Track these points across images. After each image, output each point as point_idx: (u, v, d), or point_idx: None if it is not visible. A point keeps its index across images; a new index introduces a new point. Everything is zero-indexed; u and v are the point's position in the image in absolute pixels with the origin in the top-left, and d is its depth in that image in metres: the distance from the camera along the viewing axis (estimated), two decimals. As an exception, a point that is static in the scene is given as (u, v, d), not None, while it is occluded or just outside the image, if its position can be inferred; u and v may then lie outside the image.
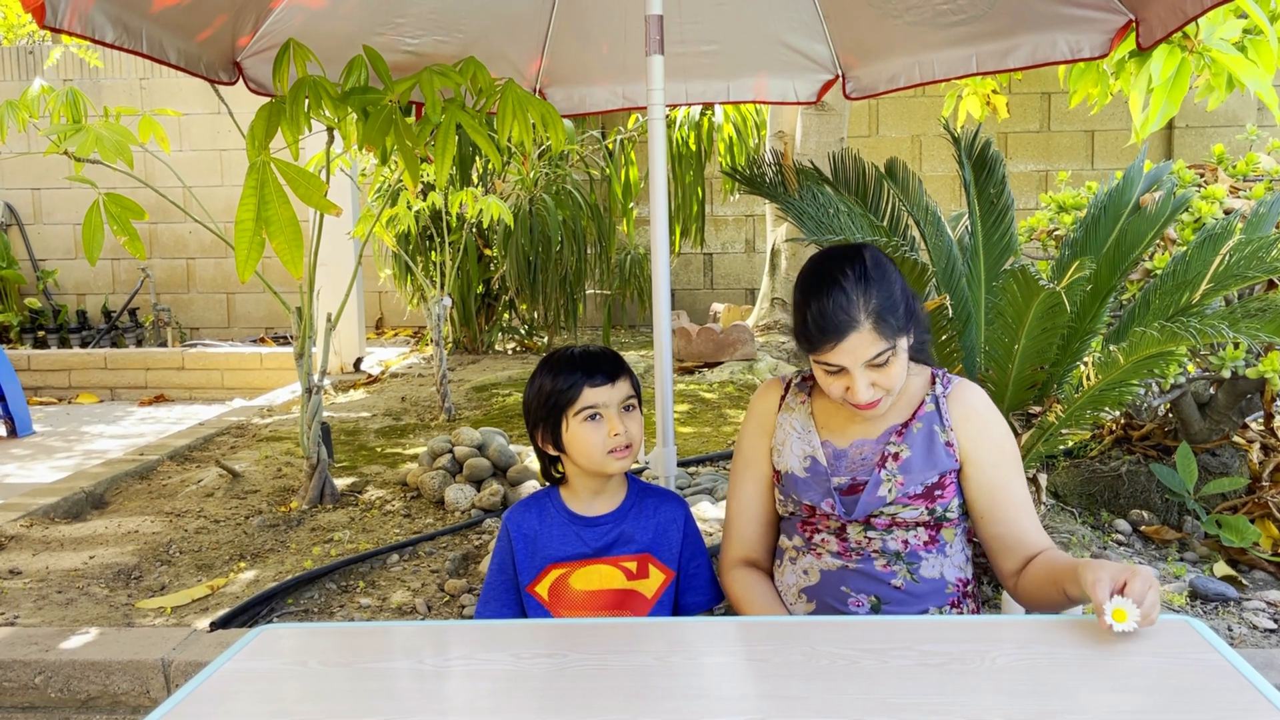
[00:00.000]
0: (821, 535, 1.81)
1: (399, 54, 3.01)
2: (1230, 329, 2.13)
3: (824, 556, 1.81)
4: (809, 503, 1.80)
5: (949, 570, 1.77)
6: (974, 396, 1.82)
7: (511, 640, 1.48)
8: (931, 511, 1.75)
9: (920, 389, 1.82)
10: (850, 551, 1.78)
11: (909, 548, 1.76)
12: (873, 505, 1.74)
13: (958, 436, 1.77)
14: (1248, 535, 3.11)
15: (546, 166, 6.85)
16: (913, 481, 1.74)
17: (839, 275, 1.67)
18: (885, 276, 1.69)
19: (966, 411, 1.79)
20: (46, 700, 2.62)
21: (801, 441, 1.83)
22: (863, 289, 1.65)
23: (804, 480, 1.80)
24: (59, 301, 8.80)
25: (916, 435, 1.77)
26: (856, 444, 1.80)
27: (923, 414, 1.79)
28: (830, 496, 1.78)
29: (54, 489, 4.12)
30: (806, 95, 3.39)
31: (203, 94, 8.29)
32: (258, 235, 2.44)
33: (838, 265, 1.70)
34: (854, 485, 1.78)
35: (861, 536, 1.77)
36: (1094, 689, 1.27)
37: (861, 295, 1.65)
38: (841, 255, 1.72)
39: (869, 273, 1.67)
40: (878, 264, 1.70)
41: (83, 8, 2.09)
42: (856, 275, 1.66)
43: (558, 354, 1.86)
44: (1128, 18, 2.58)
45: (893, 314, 1.67)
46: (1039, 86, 8.22)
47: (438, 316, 5.26)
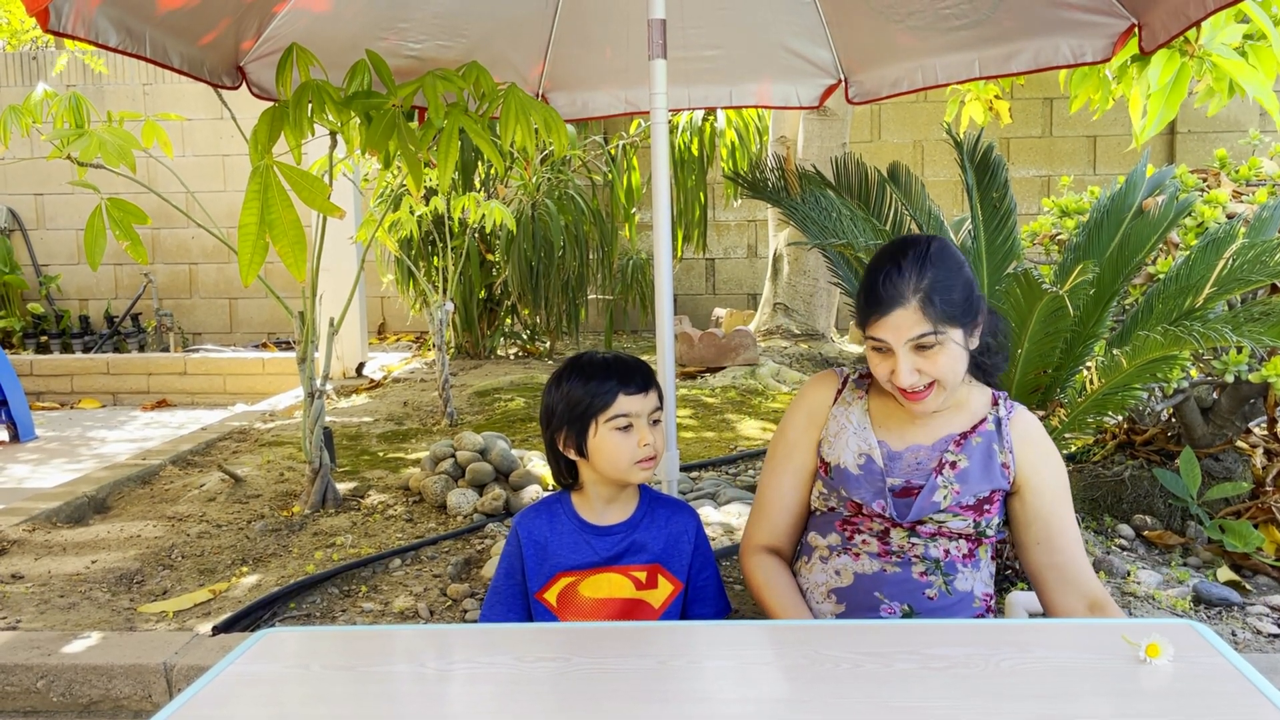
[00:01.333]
0: (863, 536, 1.79)
1: (402, 58, 3.01)
2: (1233, 333, 2.13)
3: (862, 558, 1.79)
4: (858, 500, 1.78)
5: (979, 585, 1.78)
6: (1035, 426, 1.83)
7: (514, 644, 1.47)
8: (976, 525, 1.75)
9: (983, 406, 1.82)
10: (890, 554, 1.77)
11: (949, 557, 1.76)
12: (926, 510, 1.74)
13: (1016, 460, 1.77)
14: (1251, 540, 3.10)
15: (549, 171, 6.86)
16: (968, 492, 1.74)
17: (899, 253, 1.69)
18: (947, 263, 1.68)
19: (1028, 438, 1.79)
20: (48, 705, 2.61)
21: (858, 438, 1.81)
22: (917, 268, 1.66)
23: (856, 477, 1.78)
24: (61, 307, 8.81)
25: (976, 448, 1.77)
26: (912, 448, 1.79)
27: (983, 430, 1.79)
28: (883, 497, 1.76)
29: (56, 493, 4.12)
30: (809, 100, 3.39)
31: (205, 100, 8.31)
32: (261, 239, 2.44)
33: (903, 245, 1.72)
34: (908, 488, 1.76)
35: (905, 541, 1.76)
36: (1098, 693, 1.26)
37: (915, 273, 1.66)
38: (911, 238, 1.74)
39: (929, 255, 1.68)
40: (943, 250, 1.70)
41: (86, 12, 2.10)
42: (916, 255, 1.68)
43: (588, 358, 1.83)
44: (1130, 22, 2.59)
45: (944, 299, 1.65)
46: (1041, 92, 8.22)
47: (440, 321, 5.26)
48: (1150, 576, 2.98)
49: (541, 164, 6.82)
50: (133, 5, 2.23)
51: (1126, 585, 2.92)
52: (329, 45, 2.85)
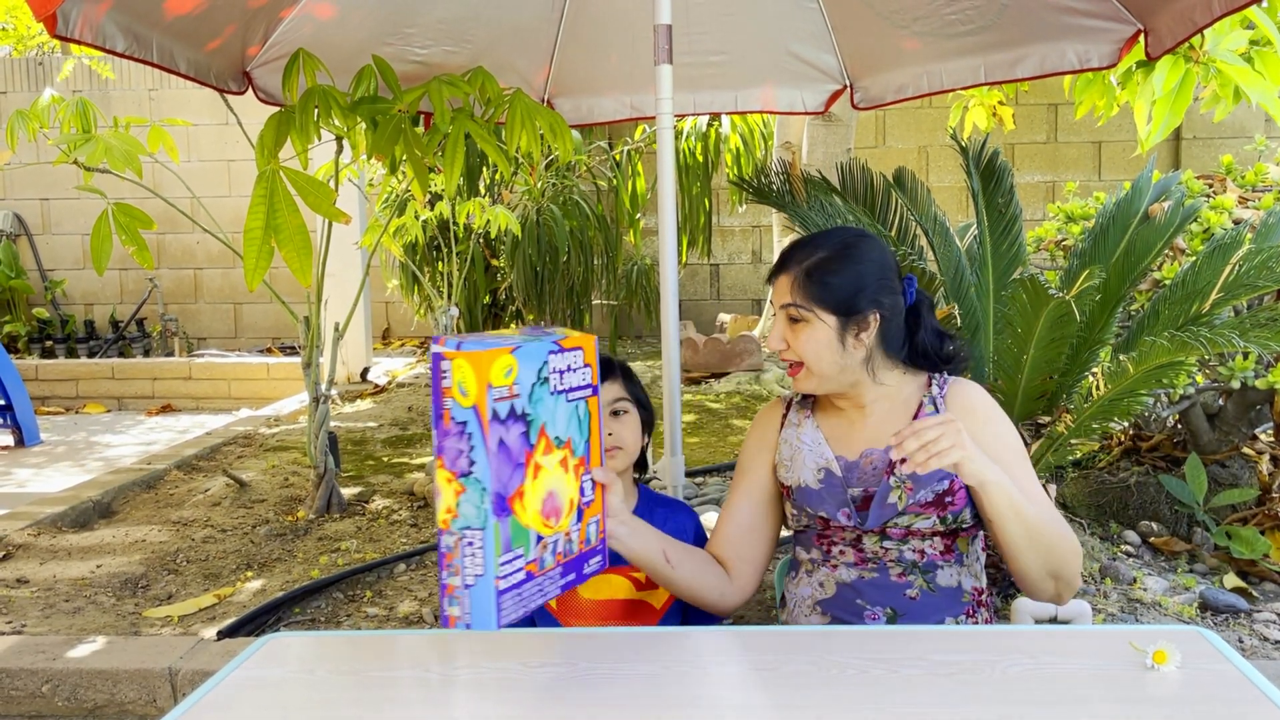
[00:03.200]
0: (839, 547, 1.80)
1: (408, 64, 3.02)
2: (1240, 338, 2.12)
3: (840, 569, 1.80)
4: (824, 515, 1.78)
5: (966, 579, 1.77)
6: (972, 393, 1.80)
7: (519, 649, 1.47)
8: (944, 520, 1.73)
9: (915, 392, 1.81)
10: (866, 561, 1.77)
11: (925, 558, 1.75)
12: (886, 514, 1.73)
13: None
14: (1258, 547, 3.10)
15: (554, 177, 6.86)
16: (921, 488, 1.72)
17: (819, 233, 1.80)
18: (848, 255, 1.73)
19: (965, 408, 1.77)
20: (53, 709, 2.61)
21: (814, 454, 1.81)
22: (815, 247, 1.75)
23: (817, 492, 1.79)
24: (67, 311, 8.83)
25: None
26: (866, 453, 1.79)
27: (923, 417, 1.75)
28: (846, 507, 1.77)
29: (61, 498, 4.12)
30: (814, 105, 3.39)
31: (211, 105, 8.33)
32: (267, 244, 2.45)
33: (833, 229, 1.82)
34: (867, 496, 1.76)
35: (878, 546, 1.76)
36: (1106, 699, 1.26)
37: (810, 250, 1.74)
38: (849, 228, 1.82)
39: (835, 242, 1.75)
40: (853, 245, 1.75)
41: (94, 17, 2.11)
42: (825, 238, 1.77)
43: None
44: (1136, 27, 2.58)
45: (820, 281, 1.71)
46: (1045, 98, 8.22)
47: (444, 326, 5.27)
48: (1156, 583, 2.97)
49: (546, 169, 6.83)
50: (140, 11, 2.24)
51: (1133, 592, 2.92)
52: (335, 51, 2.86)
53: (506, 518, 1.26)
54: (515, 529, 1.28)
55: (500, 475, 1.25)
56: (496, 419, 1.24)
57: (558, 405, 1.36)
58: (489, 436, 1.23)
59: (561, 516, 1.39)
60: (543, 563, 1.34)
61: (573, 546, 1.42)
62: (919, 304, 1.81)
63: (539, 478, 1.33)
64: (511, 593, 1.28)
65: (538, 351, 1.32)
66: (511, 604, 1.28)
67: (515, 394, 1.27)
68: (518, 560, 1.29)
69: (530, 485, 1.31)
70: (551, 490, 1.36)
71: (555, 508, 1.37)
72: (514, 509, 1.28)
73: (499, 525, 1.25)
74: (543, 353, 1.33)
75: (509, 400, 1.26)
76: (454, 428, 1.24)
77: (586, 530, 1.46)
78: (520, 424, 1.29)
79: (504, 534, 1.26)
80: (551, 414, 1.35)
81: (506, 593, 1.26)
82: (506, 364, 1.25)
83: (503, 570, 1.26)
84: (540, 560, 1.34)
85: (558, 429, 1.37)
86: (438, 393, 1.25)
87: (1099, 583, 2.97)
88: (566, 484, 1.40)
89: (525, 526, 1.30)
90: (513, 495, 1.28)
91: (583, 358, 1.42)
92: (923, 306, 1.81)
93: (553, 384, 1.35)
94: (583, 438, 1.44)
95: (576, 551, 1.44)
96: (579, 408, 1.42)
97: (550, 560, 1.36)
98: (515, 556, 1.28)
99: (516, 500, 1.28)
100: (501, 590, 1.25)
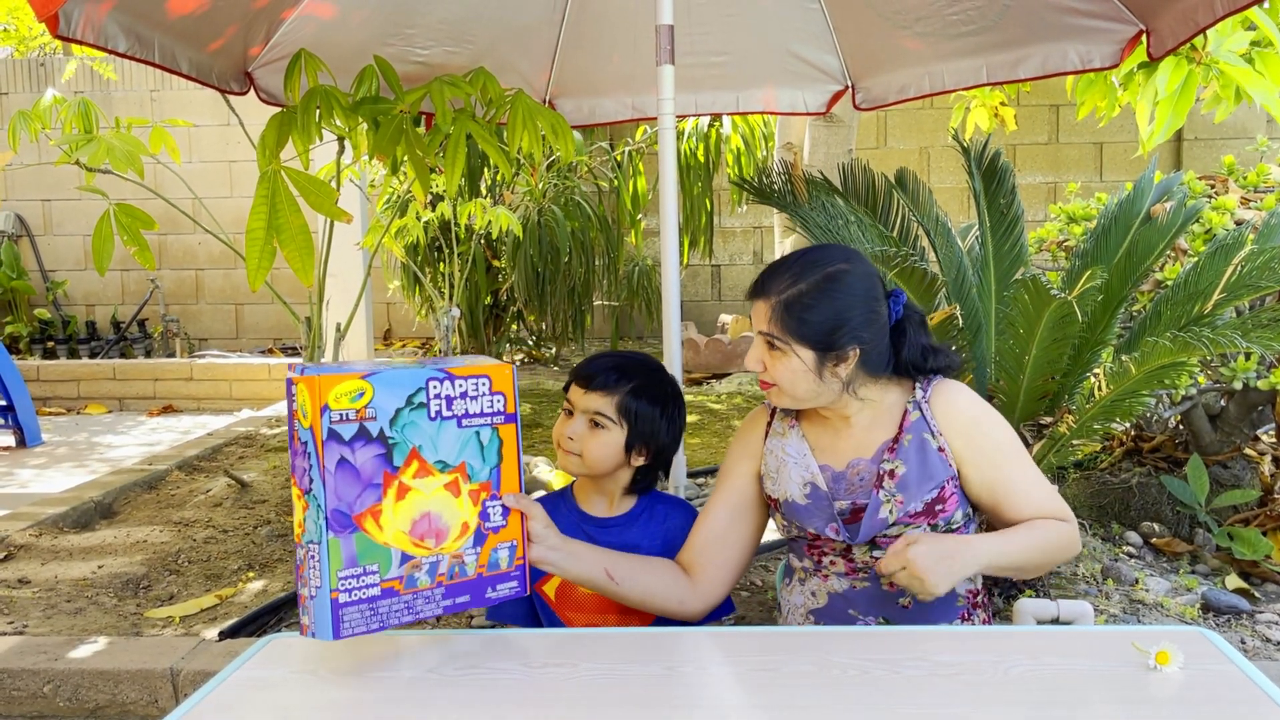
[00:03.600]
0: (829, 558, 1.79)
1: (409, 64, 3.02)
2: (1242, 339, 2.12)
3: (831, 579, 1.79)
4: (813, 530, 1.77)
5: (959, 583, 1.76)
6: (957, 395, 1.77)
7: (521, 649, 1.47)
8: (934, 527, 1.71)
9: (899, 399, 1.78)
10: (857, 571, 1.76)
11: None
12: (876, 528, 1.71)
13: (948, 441, 1.73)
14: (1260, 548, 3.09)
15: (555, 178, 6.86)
16: (912, 499, 1.70)
17: (801, 257, 1.73)
18: (826, 291, 1.67)
19: (952, 413, 1.74)
20: (55, 709, 2.61)
21: (799, 467, 1.79)
22: (793, 277, 1.69)
23: (805, 507, 1.77)
24: (68, 312, 8.82)
25: (909, 448, 1.73)
26: (853, 464, 1.77)
27: (909, 424, 1.74)
28: (834, 522, 1.75)
29: (63, 498, 4.12)
30: (816, 106, 3.39)
31: (213, 106, 8.33)
32: (269, 244, 2.45)
33: (812, 253, 1.75)
34: (856, 509, 1.74)
35: (868, 556, 1.75)
36: (1108, 700, 1.26)
37: (789, 280, 1.69)
38: (829, 254, 1.74)
39: (815, 273, 1.69)
40: (833, 279, 1.68)
41: (96, 18, 2.11)
42: (803, 266, 1.70)
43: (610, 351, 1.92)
44: (1138, 28, 2.58)
45: (797, 317, 1.66)
46: (1047, 99, 8.22)
47: (446, 327, 5.27)
48: (1158, 584, 2.97)
49: (548, 170, 6.83)
50: (142, 11, 2.24)
51: (1135, 593, 2.91)
52: (337, 51, 2.86)
53: (351, 534, 1.35)
54: (367, 546, 1.37)
55: (340, 494, 1.34)
56: (337, 440, 1.34)
57: (441, 431, 1.44)
58: (324, 456, 1.33)
59: (446, 538, 1.45)
60: (411, 581, 1.42)
61: (466, 569, 1.48)
62: (906, 320, 1.76)
63: (406, 499, 1.41)
64: (358, 607, 1.36)
65: (408, 378, 1.41)
66: (359, 617, 1.36)
67: (369, 416, 1.36)
68: (370, 576, 1.37)
69: (392, 505, 1.39)
70: (428, 512, 1.43)
71: (435, 529, 1.44)
72: (364, 527, 1.37)
73: (337, 541, 1.34)
74: (418, 379, 1.42)
75: (357, 423, 1.35)
76: (299, 447, 1.36)
77: (491, 555, 1.51)
78: (377, 446, 1.38)
79: (348, 550, 1.35)
80: (430, 438, 1.43)
81: (349, 606, 1.35)
82: (354, 388, 1.35)
83: (345, 584, 1.35)
84: (407, 579, 1.41)
85: (441, 453, 1.44)
86: (290, 414, 1.37)
87: (1101, 584, 2.97)
88: (456, 507, 1.47)
89: (383, 544, 1.39)
90: (363, 514, 1.37)
91: (489, 386, 1.49)
92: (909, 323, 1.76)
93: (434, 409, 1.43)
94: (487, 464, 1.50)
95: (473, 575, 1.49)
96: (481, 434, 1.49)
97: (425, 580, 1.43)
98: (365, 572, 1.37)
99: (368, 519, 1.37)
100: (342, 603, 1.34)
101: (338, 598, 1.34)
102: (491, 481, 1.50)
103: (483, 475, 1.49)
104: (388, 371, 1.39)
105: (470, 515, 1.48)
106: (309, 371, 1.34)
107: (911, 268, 2.31)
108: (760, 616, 2.80)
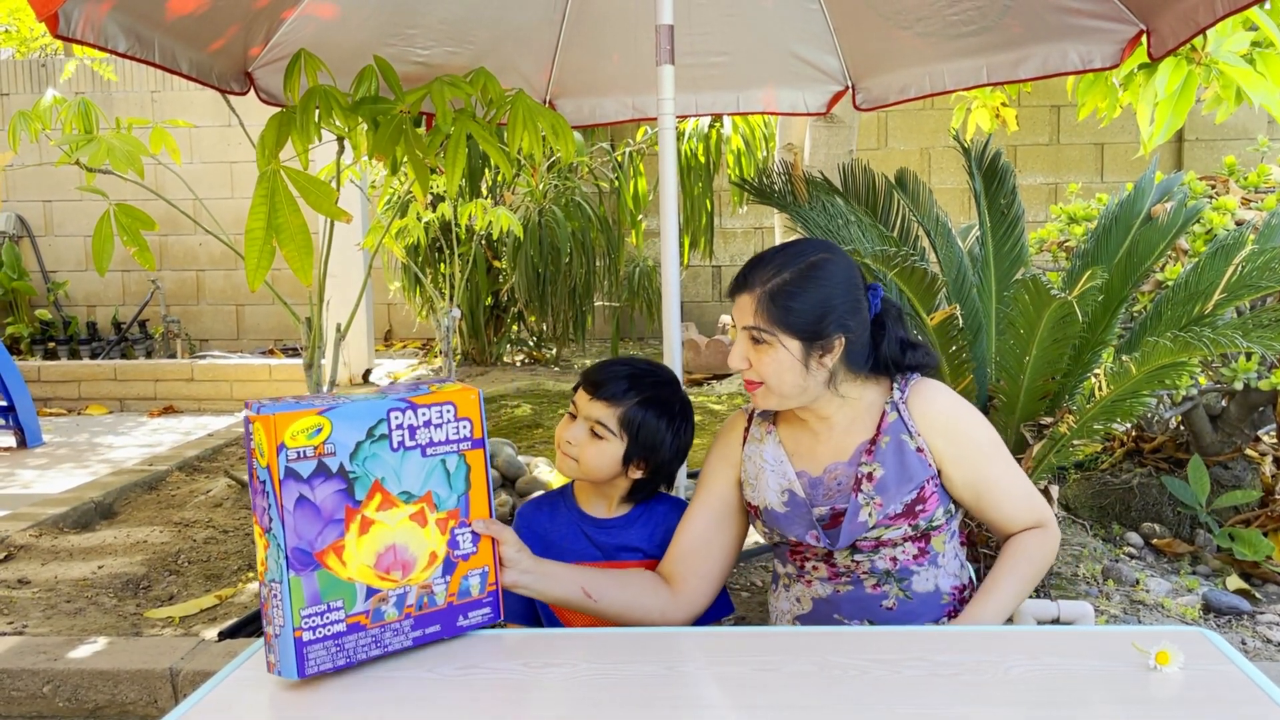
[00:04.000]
0: (811, 563, 1.78)
1: (410, 64, 3.01)
2: (1243, 339, 2.12)
3: (814, 584, 1.78)
4: (794, 538, 1.76)
5: (943, 580, 1.75)
6: (936, 395, 1.75)
7: (522, 649, 1.47)
8: (915, 527, 1.70)
9: (877, 399, 1.76)
10: (840, 575, 1.75)
11: (899, 565, 1.73)
12: (856, 533, 1.70)
13: (927, 441, 1.71)
14: (1261, 549, 3.09)
15: (556, 178, 6.87)
16: (891, 501, 1.69)
17: (783, 250, 1.72)
18: (811, 278, 1.67)
19: (931, 412, 1.73)
20: (54, 710, 2.61)
21: (776, 474, 1.77)
22: (777, 267, 1.68)
23: (784, 515, 1.75)
24: (69, 313, 8.83)
25: (887, 450, 1.71)
26: (830, 468, 1.75)
27: (887, 426, 1.73)
28: (813, 529, 1.73)
29: (63, 499, 4.12)
30: (816, 106, 3.39)
31: (213, 107, 8.33)
32: (268, 244, 2.44)
33: (793, 245, 1.74)
34: (835, 514, 1.73)
35: (849, 560, 1.74)
36: (1108, 700, 1.25)
37: (773, 270, 1.68)
38: (808, 245, 1.74)
39: (797, 263, 1.68)
40: (816, 267, 1.68)
41: (95, 18, 2.10)
42: (787, 257, 1.70)
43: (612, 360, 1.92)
44: (1139, 28, 2.58)
45: (783, 305, 1.65)
46: (1048, 99, 8.22)
47: (446, 328, 5.27)
48: (1159, 585, 2.96)
49: (549, 171, 6.83)
50: (142, 11, 2.24)
51: (1135, 593, 2.91)
52: (337, 51, 2.86)
53: (313, 571, 1.35)
54: (330, 582, 1.36)
55: (300, 532, 1.34)
56: (294, 478, 1.33)
57: (405, 461, 1.43)
58: (282, 495, 1.32)
59: (413, 570, 1.44)
60: (378, 615, 1.41)
61: (435, 599, 1.47)
62: (884, 314, 1.75)
63: (370, 532, 1.40)
64: (323, 644, 1.36)
65: (368, 410, 1.40)
66: (324, 654, 1.36)
67: (328, 452, 1.36)
68: (334, 613, 1.37)
69: (355, 540, 1.38)
70: (393, 544, 1.42)
71: (402, 561, 1.43)
72: (326, 563, 1.36)
73: (298, 579, 1.34)
74: (379, 411, 1.41)
75: (315, 459, 1.34)
76: (258, 486, 1.35)
77: (462, 582, 1.50)
78: (337, 481, 1.37)
79: (310, 588, 1.35)
80: (393, 470, 1.42)
81: (313, 644, 1.35)
82: (311, 424, 1.34)
83: (309, 622, 1.34)
84: (374, 613, 1.40)
85: (406, 484, 1.43)
86: (248, 452, 1.36)
87: (1101, 584, 2.97)
88: (423, 537, 1.46)
89: (347, 580, 1.38)
90: (324, 550, 1.36)
91: (454, 412, 1.48)
92: (888, 316, 1.75)
93: (396, 440, 1.42)
94: (455, 491, 1.49)
95: (443, 604, 1.48)
96: (447, 461, 1.47)
97: (393, 612, 1.42)
98: (329, 609, 1.36)
99: (329, 555, 1.36)
100: (306, 641, 1.34)
101: (301, 636, 1.33)
102: (460, 509, 1.49)
103: (450, 503, 1.48)
104: (347, 405, 1.37)
105: (439, 544, 1.47)
106: (266, 410, 1.32)
107: (912, 268, 2.30)
108: (760, 617, 2.80)
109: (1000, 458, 1.75)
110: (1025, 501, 1.75)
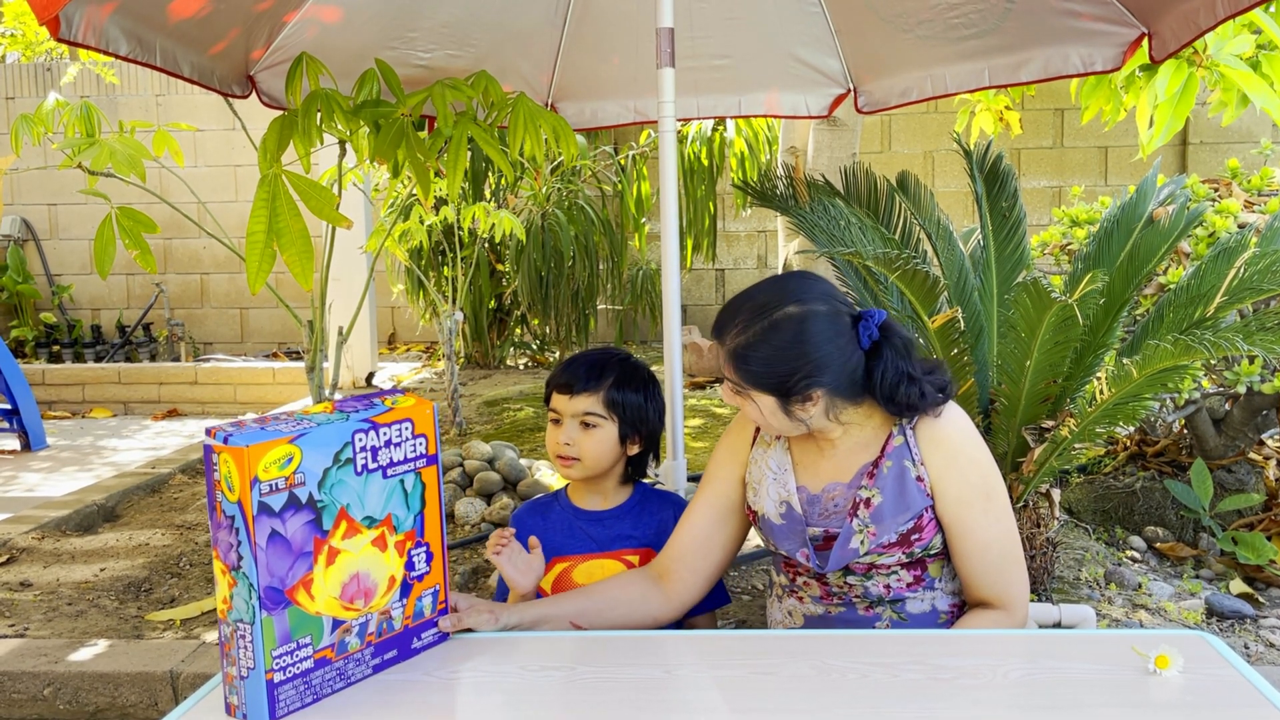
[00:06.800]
0: (803, 579, 1.75)
1: (411, 68, 3.02)
2: (1245, 342, 2.11)
3: (806, 601, 1.76)
4: (785, 552, 1.74)
5: (940, 600, 1.71)
6: (946, 422, 1.67)
7: (519, 652, 1.47)
8: (910, 555, 1.66)
9: (886, 420, 1.69)
10: (832, 596, 1.73)
11: (892, 591, 1.69)
12: (846, 559, 1.66)
13: (927, 469, 1.65)
14: (1264, 552, 3.08)
15: (559, 182, 6.87)
16: (885, 530, 1.64)
17: (750, 296, 1.68)
18: (770, 340, 1.61)
19: (938, 438, 1.66)
20: (55, 712, 2.61)
21: (778, 484, 1.74)
22: (743, 323, 1.64)
23: (780, 528, 1.73)
24: (74, 316, 8.84)
25: (888, 476, 1.66)
26: (829, 488, 1.71)
27: (891, 449, 1.67)
28: (805, 548, 1.71)
29: (65, 502, 4.13)
30: (818, 109, 3.39)
31: (217, 110, 8.34)
32: (269, 247, 2.44)
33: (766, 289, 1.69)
34: (828, 537, 1.69)
35: (841, 582, 1.71)
36: (1107, 704, 1.25)
37: (739, 327, 1.65)
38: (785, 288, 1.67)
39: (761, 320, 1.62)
40: (777, 327, 1.61)
41: (97, 21, 2.11)
42: (752, 310, 1.65)
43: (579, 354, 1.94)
44: (1140, 31, 2.57)
45: (744, 370, 1.63)
46: (1052, 103, 8.21)
47: (449, 331, 5.27)
48: (1162, 588, 2.96)
49: (551, 174, 6.83)
50: (143, 14, 2.24)
51: (1138, 597, 2.90)
52: (338, 54, 2.86)
53: (284, 609, 1.29)
54: (299, 619, 1.31)
55: (273, 569, 1.28)
56: (268, 513, 1.27)
57: (368, 485, 1.39)
58: (255, 532, 1.25)
59: (375, 596, 1.41)
60: (343, 647, 1.37)
61: (393, 624, 1.44)
62: (884, 343, 1.64)
63: (336, 563, 1.35)
64: (293, 684, 1.31)
65: (335, 434, 1.34)
66: (294, 694, 1.30)
67: (298, 482, 1.29)
68: (303, 650, 1.32)
69: (322, 573, 1.33)
70: (357, 573, 1.38)
71: (364, 589, 1.39)
72: (297, 600, 1.30)
73: (271, 620, 1.28)
74: (344, 434, 1.35)
75: (287, 491, 1.28)
76: (224, 520, 1.27)
77: (416, 604, 1.47)
78: (307, 512, 1.31)
79: (281, 626, 1.29)
80: (358, 495, 1.37)
81: (284, 684, 1.29)
82: (283, 454, 1.27)
83: (280, 663, 1.29)
84: (339, 645, 1.36)
85: (369, 509, 1.39)
86: (210, 484, 1.28)
87: (1104, 588, 2.96)
88: (384, 562, 1.42)
89: (315, 614, 1.33)
90: (294, 586, 1.30)
91: (412, 429, 1.44)
92: (889, 346, 1.64)
93: (360, 463, 1.37)
94: (411, 511, 1.45)
95: (400, 628, 1.45)
96: (405, 481, 1.44)
97: (356, 642, 1.38)
98: (299, 646, 1.31)
99: (300, 590, 1.31)
100: (277, 683, 1.29)
101: (273, 678, 1.28)
102: (415, 529, 1.46)
103: (408, 524, 1.45)
104: (314, 430, 1.31)
105: (397, 567, 1.44)
106: (234, 440, 1.24)
107: (913, 270, 2.30)
108: (760, 620, 2.79)
109: (988, 510, 1.65)
110: (996, 567, 1.65)
